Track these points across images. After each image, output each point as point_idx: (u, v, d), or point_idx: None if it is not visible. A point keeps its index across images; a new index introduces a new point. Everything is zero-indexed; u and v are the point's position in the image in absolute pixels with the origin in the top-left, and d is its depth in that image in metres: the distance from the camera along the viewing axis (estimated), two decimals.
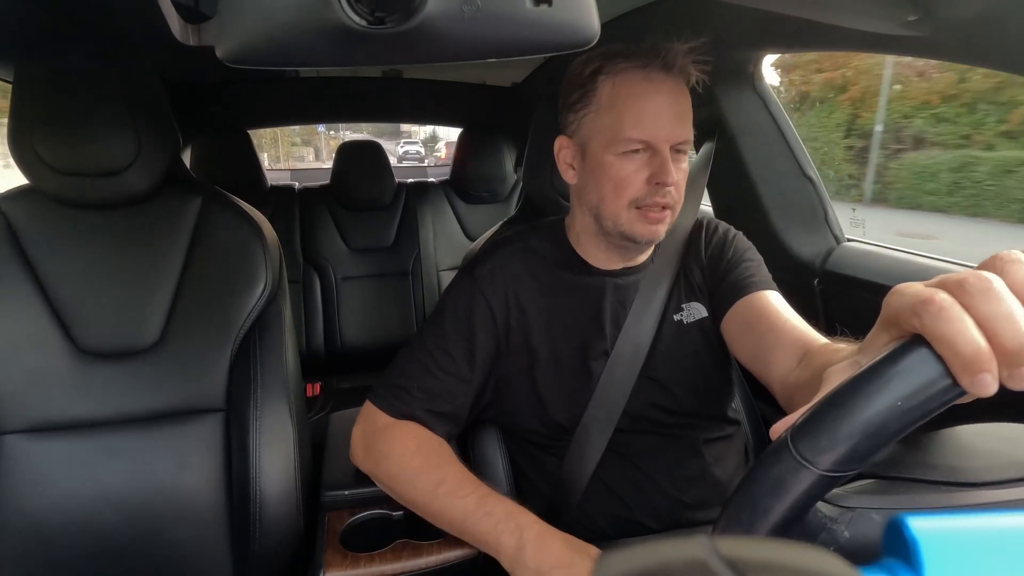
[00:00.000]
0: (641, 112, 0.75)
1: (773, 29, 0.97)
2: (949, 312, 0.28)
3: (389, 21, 0.38)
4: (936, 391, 0.28)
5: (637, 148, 0.75)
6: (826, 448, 0.29)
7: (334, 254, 2.04)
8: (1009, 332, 0.27)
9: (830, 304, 1.15)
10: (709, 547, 0.18)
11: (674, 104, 0.75)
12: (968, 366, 0.27)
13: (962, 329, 0.27)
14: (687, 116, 0.77)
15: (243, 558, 0.87)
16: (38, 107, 0.79)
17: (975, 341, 0.27)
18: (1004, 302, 0.28)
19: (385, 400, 0.81)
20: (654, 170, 0.75)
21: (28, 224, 0.86)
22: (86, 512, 0.83)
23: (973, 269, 0.29)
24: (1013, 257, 0.29)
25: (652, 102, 0.75)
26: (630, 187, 0.76)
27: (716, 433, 0.85)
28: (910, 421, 0.28)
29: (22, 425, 0.82)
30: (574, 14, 0.40)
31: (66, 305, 0.85)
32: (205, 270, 0.90)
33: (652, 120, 0.74)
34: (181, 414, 0.87)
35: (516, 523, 0.68)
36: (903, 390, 0.28)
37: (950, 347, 0.27)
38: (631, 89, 0.75)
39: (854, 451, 0.29)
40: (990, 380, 0.27)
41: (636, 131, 0.75)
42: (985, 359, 0.27)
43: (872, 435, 0.28)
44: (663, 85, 0.75)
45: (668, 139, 0.75)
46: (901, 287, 0.31)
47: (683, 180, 0.78)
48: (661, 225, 0.78)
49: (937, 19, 0.69)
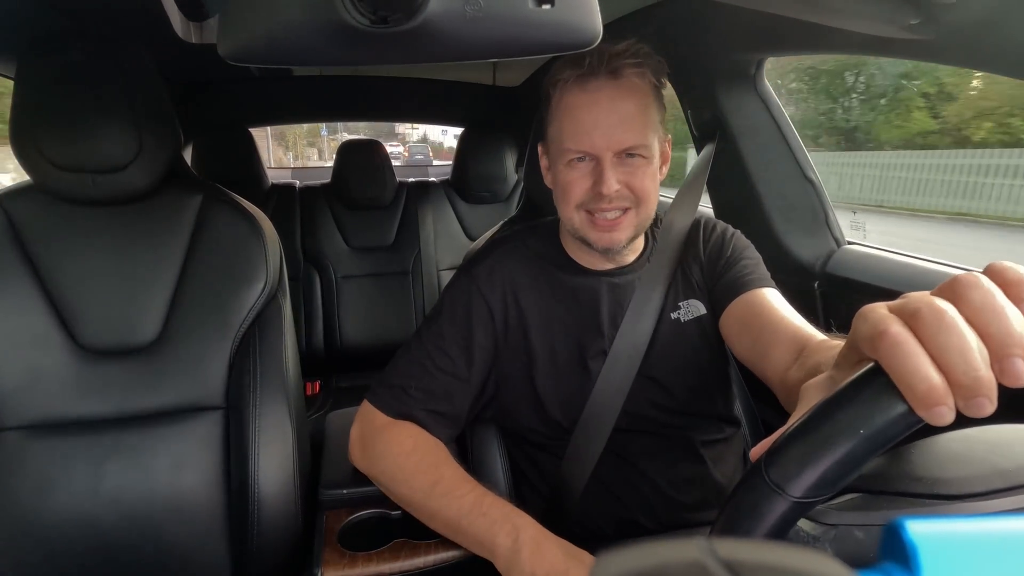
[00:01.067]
0: (575, 123, 0.75)
1: (775, 32, 0.97)
2: (903, 347, 0.28)
3: (392, 20, 0.38)
4: (896, 420, 0.28)
5: (580, 157, 0.76)
6: (796, 476, 0.30)
7: (334, 253, 2.04)
8: (961, 367, 0.27)
9: (830, 307, 1.15)
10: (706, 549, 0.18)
11: (609, 111, 0.74)
12: (922, 401, 0.27)
13: (915, 366, 0.28)
14: (631, 120, 0.74)
15: (241, 556, 0.87)
16: (40, 104, 0.79)
17: (928, 377, 0.27)
18: (956, 334, 0.28)
19: (383, 399, 0.81)
20: (595, 178, 0.75)
21: (29, 221, 0.86)
22: (85, 509, 0.83)
23: (931, 297, 0.29)
24: (971, 282, 0.29)
25: (588, 112, 0.74)
26: (574, 192, 0.77)
27: (715, 434, 0.85)
28: (874, 449, 0.29)
29: (21, 422, 0.82)
30: (576, 15, 0.40)
31: (66, 302, 0.85)
32: (205, 267, 0.90)
33: (587, 130, 0.74)
34: (180, 412, 0.87)
35: (513, 525, 0.68)
36: (865, 419, 0.29)
37: (904, 382, 0.28)
38: (568, 100, 0.76)
39: (823, 478, 0.29)
40: (946, 412, 0.27)
41: (572, 142, 0.76)
42: (939, 394, 0.27)
43: (839, 463, 0.29)
44: (597, 93, 0.74)
45: (607, 147, 0.74)
46: (865, 311, 0.31)
47: (638, 180, 0.76)
48: (616, 232, 0.78)
49: (939, 23, 0.69)
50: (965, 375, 0.27)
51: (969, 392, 0.27)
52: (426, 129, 23.74)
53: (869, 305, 0.32)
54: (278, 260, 0.96)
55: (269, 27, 0.38)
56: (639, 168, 0.76)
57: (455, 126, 2.40)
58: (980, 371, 0.27)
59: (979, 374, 0.27)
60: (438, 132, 22.94)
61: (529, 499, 0.88)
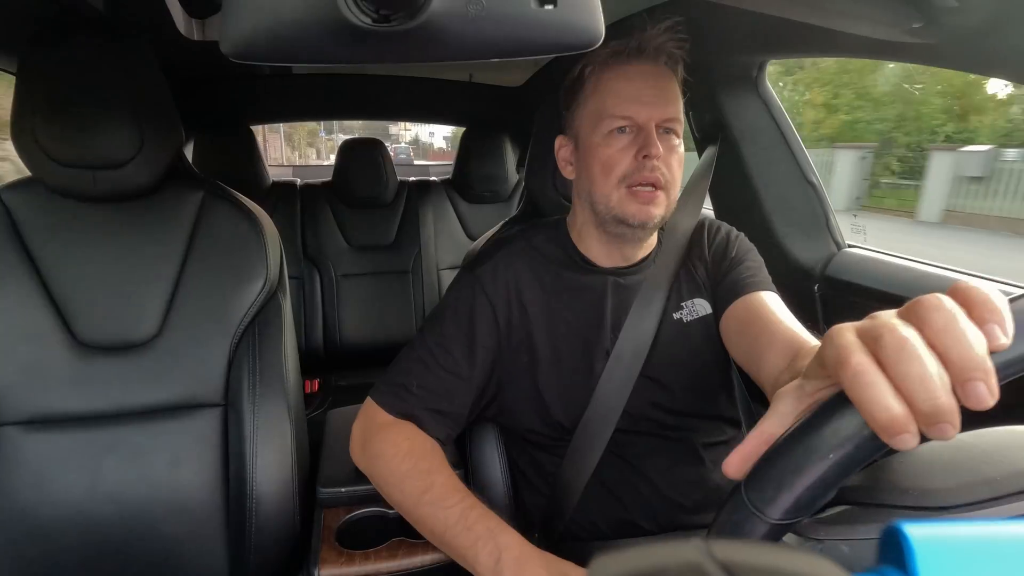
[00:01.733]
0: (620, 91, 0.77)
1: (777, 34, 0.97)
2: (864, 377, 0.29)
3: (394, 19, 0.38)
4: (863, 445, 0.29)
5: (622, 127, 0.77)
6: (773, 499, 0.31)
7: (335, 251, 2.04)
8: (922, 395, 0.27)
9: (830, 310, 1.15)
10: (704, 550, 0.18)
11: (654, 83, 0.78)
12: (885, 429, 0.28)
13: (876, 395, 0.28)
14: (671, 96, 0.78)
15: (239, 553, 0.87)
16: (41, 99, 0.79)
17: (889, 407, 0.28)
18: (916, 362, 0.28)
19: (385, 397, 0.81)
20: (640, 145, 0.76)
21: (29, 215, 0.86)
22: (82, 505, 0.83)
23: (894, 322, 0.29)
24: (933, 304, 0.29)
25: (631, 82, 0.77)
26: (618, 165, 0.78)
27: (716, 436, 0.85)
28: (844, 472, 0.30)
29: (19, 417, 0.82)
30: (579, 15, 0.40)
31: (65, 297, 0.85)
32: (205, 265, 0.90)
33: (633, 97, 0.77)
34: (178, 408, 0.87)
35: (496, 544, 0.67)
36: (833, 445, 0.30)
37: (866, 411, 0.28)
38: (610, 73, 0.79)
39: (799, 501, 0.30)
40: (909, 439, 0.28)
41: (618, 108, 0.77)
42: (900, 423, 0.28)
43: (812, 487, 0.30)
44: (642, 67, 0.78)
45: (651, 116, 0.76)
46: (832, 334, 0.32)
47: (675, 160, 0.78)
48: (653, 207, 0.78)
49: (942, 27, 0.69)
50: (925, 403, 0.27)
51: (929, 419, 0.27)
52: (417, 131, 23.96)
53: (837, 327, 0.32)
54: (278, 258, 0.96)
55: (271, 25, 0.38)
56: (675, 144, 0.79)
57: (457, 125, 2.40)
58: (939, 398, 0.27)
59: (938, 402, 0.27)
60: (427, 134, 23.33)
61: (528, 499, 0.88)
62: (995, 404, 0.27)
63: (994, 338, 0.28)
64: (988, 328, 0.28)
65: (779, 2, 0.74)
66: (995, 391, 0.27)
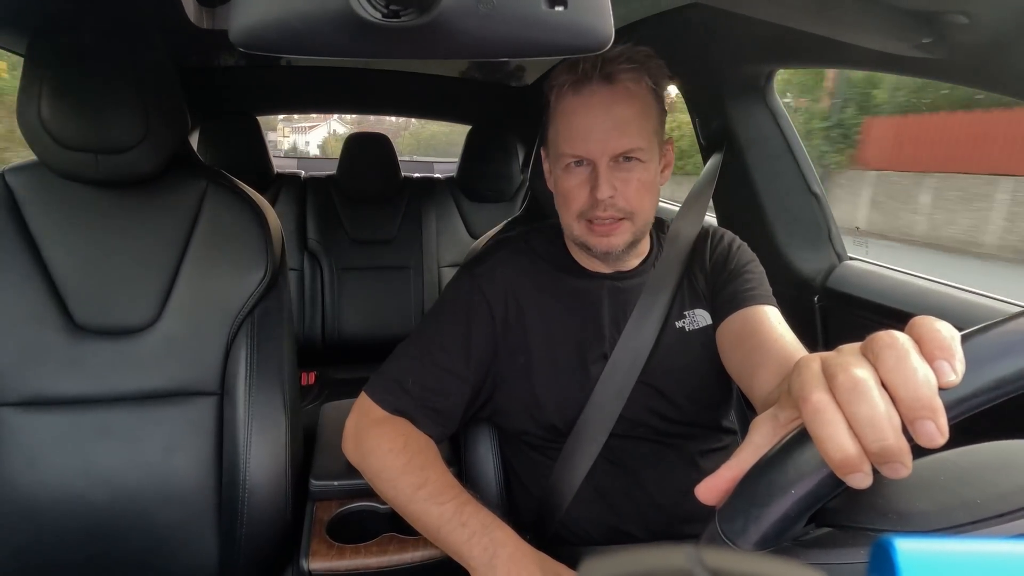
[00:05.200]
0: (571, 125, 0.75)
1: (786, 44, 0.97)
2: (821, 415, 0.29)
3: (404, 15, 0.38)
4: (823, 482, 0.30)
5: (577, 161, 0.76)
6: (741, 531, 0.32)
7: (336, 244, 2.04)
8: (870, 436, 0.28)
9: (829, 322, 1.15)
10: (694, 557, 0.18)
11: (604, 115, 0.74)
12: (839, 467, 0.29)
13: (831, 434, 0.29)
14: (627, 124, 0.74)
15: (229, 542, 0.87)
16: (48, 82, 0.79)
17: (843, 447, 0.28)
18: (867, 403, 0.28)
19: (379, 393, 0.81)
20: (592, 184, 0.75)
21: (32, 197, 0.86)
22: (76, 488, 0.83)
23: (849, 361, 0.30)
24: (886, 342, 0.30)
25: (582, 116, 0.75)
26: (574, 200, 0.77)
27: (713, 444, 0.85)
28: (806, 507, 0.31)
29: (15, 398, 0.82)
30: (589, 17, 0.40)
31: (65, 280, 0.85)
32: (206, 253, 0.90)
33: (582, 135, 0.75)
34: (174, 395, 0.88)
35: (491, 539, 0.67)
36: (794, 480, 0.31)
37: (822, 448, 0.29)
38: (564, 105, 0.76)
39: (765, 535, 0.31)
40: (862, 477, 0.29)
41: (567, 146, 0.76)
42: (853, 462, 0.28)
43: (776, 521, 0.31)
44: (591, 98, 0.74)
45: (603, 151, 0.74)
46: (800, 365, 0.32)
47: (633, 189, 0.76)
48: (614, 237, 0.77)
49: (951, 42, 0.69)
50: (873, 443, 0.28)
51: (879, 459, 0.28)
52: (296, 139, 24.03)
53: (805, 358, 0.33)
54: (279, 249, 0.96)
55: (281, 15, 0.38)
56: (635, 172, 0.76)
57: (462, 123, 2.40)
58: (887, 440, 0.28)
59: (886, 443, 0.28)
60: (303, 143, 23.56)
61: (520, 500, 0.88)
62: (947, 440, 0.28)
63: (943, 375, 0.29)
64: (938, 365, 0.29)
65: (789, 11, 0.74)
66: (944, 430, 0.28)
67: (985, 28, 0.65)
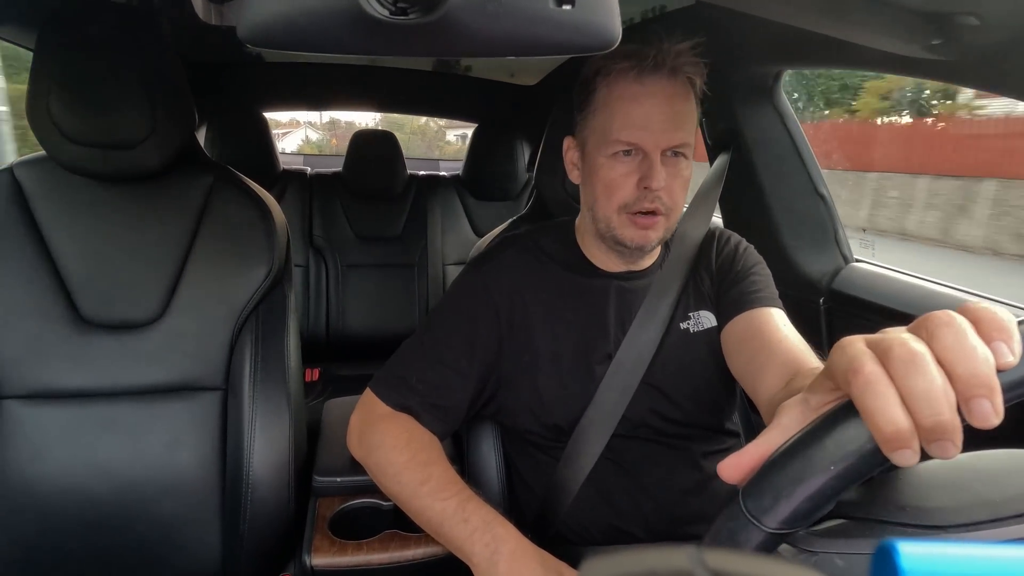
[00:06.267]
0: (629, 115, 0.75)
1: (795, 44, 0.96)
2: (874, 387, 0.28)
3: (412, 12, 0.38)
4: (865, 457, 0.29)
5: (627, 150, 0.76)
6: (771, 508, 0.30)
7: (341, 240, 2.04)
8: (925, 410, 0.27)
9: (834, 324, 1.14)
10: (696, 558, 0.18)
11: (665, 107, 0.74)
12: (888, 442, 0.28)
13: (883, 406, 0.28)
14: (683, 118, 0.75)
15: (233, 538, 0.87)
16: (57, 76, 0.80)
17: (894, 420, 0.28)
18: (924, 376, 0.28)
19: (384, 389, 0.81)
20: (643, 174, 0.75)
21: (40, 191, 0.86)
22: (80, 482, 0.84)
23: (904, 336, 0.29)
24: (944, 320, 0.29)
25: (641, 105, 0.74)
26: (619, 191, 0.77)
27: (715, 446, 0.84)
28: (844, 484, 0.30)
29: (20, 391, 0.83)
30: (596, 16, 0.40)
31: (71, 274, 0.86)
32: (211, 248, 0.91)
33: (640, 123, 0.74)
34: (178, 390, 0.88)
35: (493, 534, 0.67)
36: (835, 456, 0.30)
37: (872, 422, 0.28)
38: (622, 91, 0.76)
39: (796, 512, 0.30)
40: (910, 455, 0.28)
41: (624, 133, 0.75)
42: (904, 436, 0.27)
43: (810, 497, 0.30)
44: (654, 87, 0.74)
45: (658, 142, 0.74)
46: (844, 343, 0.32)
47: (679, 185, 0.77)
48: (652, 231, 0.77)
49: (962, 44, 0.69)
50: (928, 418, 0.27)
51: (931, 435, 0.27)
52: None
53: (848, 338, 0.32)
54: (285, 245, 0.96)
55: (289, 12, 0.38)
56: (682, 167, 0.77)
57: (468, 121, 2.40)
58: (943, 415, 0.27)
59: (941, 418, 0.27)
60: None
61: (522, 498, 0.88)
62: (998, 425, 0.27)
63: (1001, 356, 0.28)
64: (996, 346, 0.28)
65: (797, 11, 0.73)
66: (999, 410, 0.27)
67: (996, 30, 0.64)
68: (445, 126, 22.84)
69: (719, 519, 0.33)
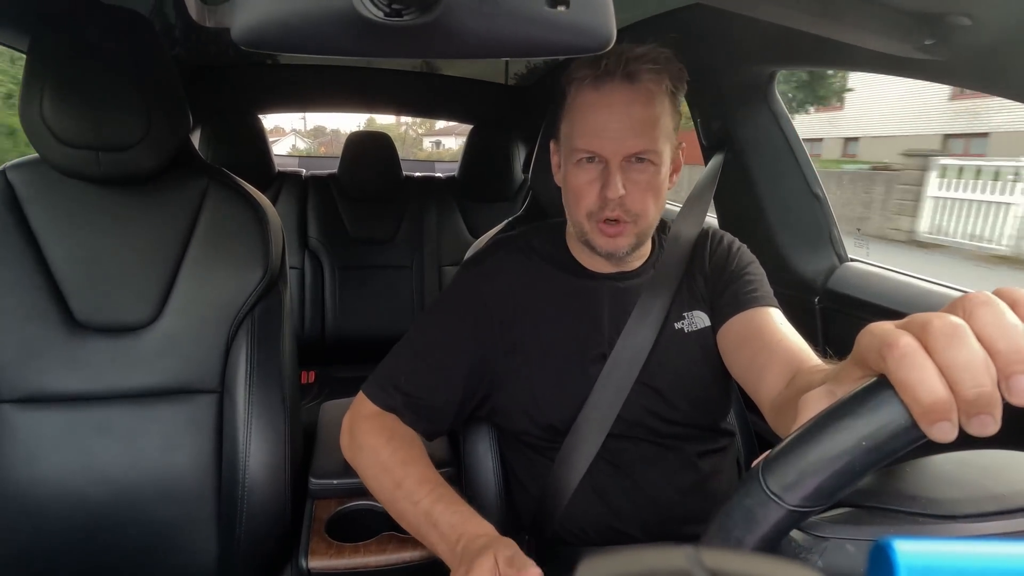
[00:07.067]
0: (587, 121, 0.75)
1: (788, 45, 0.97)
2: (912, 359, 0.28)
3: (406, 14, 0.38)
4: (899, 433, 0.29)
5: (590, 157, 0.76)
6: (793, 484, 0.30)
7: (337, 243, 2.04)
8: (968, 382, 0.27)
9: (829, 323, 1.15)
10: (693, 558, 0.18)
11: (622, 114, 0.73)
12: (927, 414, 0.27)
13: (923, 377, 0.28)
14: (644, 125, 0.74)
15: (229, 541, 0.87)
16: (50, 79, 0.79)
17: (935, 390, 0.27)
18: (966, 349, 0.28)
19: (373, 390, 0.81)
20: (603, 182, 0.75)
21: (33, 194, 0.86)
22: (76, 485, 0.83)
23: (941, 312, 0.29)
24: (982, 299, 0.29)
25: (597, 113, 0.74)
26: (584, 198, 0.77)
27: (711, 445, 0.85)
28: (874, 461, 0.29)
29: (14, 395, 0.82)
30: (591, 18, 0.40)
31: (65, 277, 0.85)
32: (207, 251, 0.90)
33: (598, 131, 0.74)
34: (174, 393, 0.88)
35: (458, 534, 0.65)
36: (867, 430, 0.29)
37: (911, 394, 0.28)
38: (583, 99, 0.76)
39: (820, 488, 0.30)
40: (948, 428, 0.27)
41: (583, 141, 0.75)
42: (943, 408, 0.27)
43: (837, 473, 0.29)
44: (611, 95, 0.74)
45: (616, 150, 0.74)
46: (872, 327, 0.32)
47: (643, 191, 0.76)
48: (620, 239, 0.78)
49: (954, 44, 0.69)
50: (970, 390, 0.27)
51: (973, 408, 0.27)
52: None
53: (876, 323, 0.32)
54: (280, 247, 0.96)
55: (282, 14, 0.38)
56: (646, 174, 0.76)
57: (464, 123, 2.40)
58: (986, 387, 0.27)
59: (983, 389, 0.27)
60: None
61: (519, 500, 0.88)
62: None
63: None
64: None
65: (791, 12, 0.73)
66: None
67: (988, 30, 0.65)
68: (423, 133, 23.01)
69: (734, 497, 0.32)
